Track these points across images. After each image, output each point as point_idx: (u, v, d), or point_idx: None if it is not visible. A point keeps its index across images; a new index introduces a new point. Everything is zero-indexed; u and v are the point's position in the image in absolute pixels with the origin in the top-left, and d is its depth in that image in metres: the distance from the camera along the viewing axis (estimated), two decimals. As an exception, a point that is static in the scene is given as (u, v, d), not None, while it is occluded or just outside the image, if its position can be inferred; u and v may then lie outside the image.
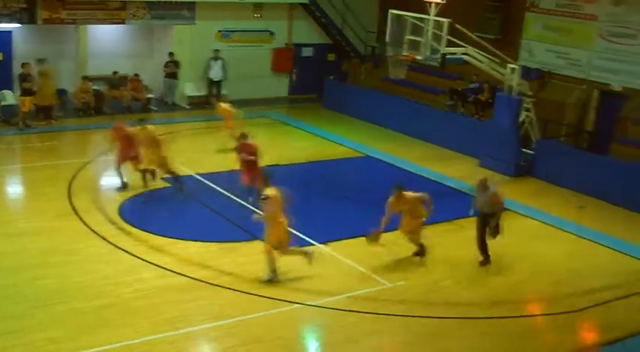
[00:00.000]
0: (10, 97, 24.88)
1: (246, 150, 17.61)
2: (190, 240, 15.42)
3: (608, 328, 13.09)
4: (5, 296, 12.81)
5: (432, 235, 16.28)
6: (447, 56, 21.09)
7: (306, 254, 14.17)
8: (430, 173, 21.34)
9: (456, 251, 15.81)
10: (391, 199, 14.68)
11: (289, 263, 14.63)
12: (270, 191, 13.59)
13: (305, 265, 14.57)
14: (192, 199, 18.09)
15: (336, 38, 31.10)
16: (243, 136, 18.09)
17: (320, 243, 15.73)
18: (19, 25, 25.37)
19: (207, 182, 19.32)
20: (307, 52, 31.05)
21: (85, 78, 26.21)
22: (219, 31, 29.00)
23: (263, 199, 13.61)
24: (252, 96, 29.32)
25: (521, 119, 22.02)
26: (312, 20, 30.77)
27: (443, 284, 14.29)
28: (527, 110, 22.09)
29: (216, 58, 28.37)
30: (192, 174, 19.83)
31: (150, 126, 18.77)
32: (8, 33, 25.75)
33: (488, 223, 15.14)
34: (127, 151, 18.28)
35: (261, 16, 29.68)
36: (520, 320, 13.30)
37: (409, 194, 14.80)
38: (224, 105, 23.04)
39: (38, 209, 16.98)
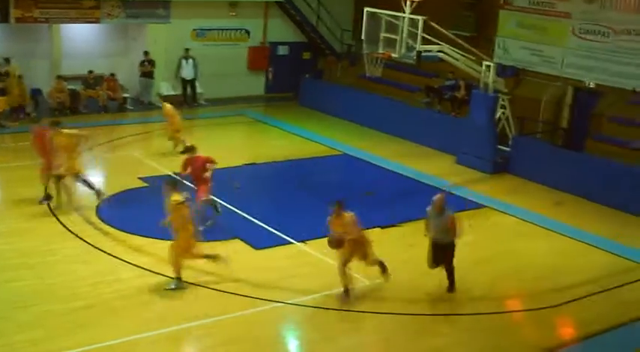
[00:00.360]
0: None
1: (197, 165, 16.14)
2: (169, 239, 15.27)
3: (587, 322, 13.19)
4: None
5: (410, 233, 16.38)
6: (423, 54, 21.16)
7: (215, 258, 13.76)
8: (407, 170, 21.40)
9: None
10: (330, 217, 13.35)
11: (270, 262, 14.69)
12: (178, 197, 13.19)
13: (284, 264, 14.66)
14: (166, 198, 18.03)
15: (311, 36, 31.09)
16: (190, 149, 16.56)
17: (298, 241, 15.74)
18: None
19: (184, 181, 19.21)
20: (283, 50, 31.01)
21: (60, 77, 26.03)
22: (195, 29, 28.90)
23: (177, 204, 13.08)
24: (228, 94, 29.28)
25: (497, 116, 22.15)
26: (288, 18, 30.74)
27: (422, 282, 14.29)
28: (503, 107, 22.23)
29: (187, 57, 28.28)
30: (169, 173, 19.73)
31: (65, 130, 17.10)
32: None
33: (444, 256, 13.57)
34: (50, 158, 16.97)
35: (236, 15, 29.62)
36: (501, 316, 13.35)
37: (348, 215, 13.26)
38: (169, 107, 21.92)
39: (14, 210, 16.82)
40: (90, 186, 17.31)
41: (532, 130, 22.72)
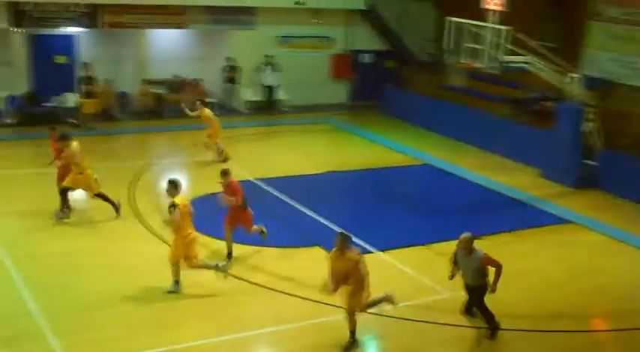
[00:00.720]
0: (72, 100, 25.32)
1: (229, 191, 14.81)
2: (250, 244, 15.43)
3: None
4: (64, 296, 13.04)
5: (491, 246, 16.10)
6: (507, 64, 20.84)
7: (217, 268, 13.49)
8: (489, 182, 21.07)
9: (515, 262, 15.52)
10: (332, 253, 11.78)
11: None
12: (178, 200, 13.02)
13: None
14: (251, 204, 18.13)
15: (394, 44, 31.00)
16: (225, 174, 14.94)
17: (379, 250, 15.64)
18: (83, 29, 25.84)
19: (265, 187, 19.38)
20: (366, 58, 31.00)
21: (146, 81, 26.57)
22: (278, 36, 29.15)
23: (170, 207, 12.96)
24: (310, 102, 29.45)
25: (584, 129, 21.61)
26: (371, 26, 30.73)
27: (502, 296, 13.99)
28: (591, 120, 21.67)
29: (269, 64, 28.49)
30: (251, 178, 19.90)
31: (74, 143, 16.62)
32: (73, 37, 26.28)
33: (476, 300, 12.37)
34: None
35: (319, 22, 29.73)
36: (582, 335, 12.98)
37: (354, 252, 11.80)
38: (207, 111, 21.67)
39: (98, 211, 17.12)
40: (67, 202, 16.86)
41: (621, 144, 22.06)
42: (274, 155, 22.99)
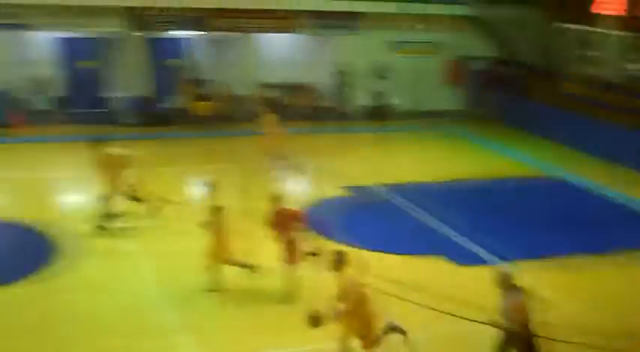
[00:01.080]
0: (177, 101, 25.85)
1: (281, 219, 12.99)
2: (369, 249, 15.03)
3: None
4: (187, 292, 13.20)
5: (623, 264, 15.35)
6: (631, 72, 19.91)
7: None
8: (619, 196, 19.93)
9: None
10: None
11: (472, 281, 13.98)
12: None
13: (486, 283, 13.91)
14: (370, 209, 18.00)
15: (511, 51, 30.20)
16: (277, 199, 13.10)
17: (499, 260, 14.90)
18: (196, 33, 26.28)
19: (388, 193, 19.14)
20: (480, 64, 30.31)
21: (261, 85, 26.79)
22: (389, 41, 29.01)
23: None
24: (422, 108, 29.13)
25: None
26: (484, 33, 30.07)
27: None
28: None
29: (379, 69, 28.21)
30: (370, 184, 19.70)
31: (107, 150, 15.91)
32: (187, 40, 26.78)
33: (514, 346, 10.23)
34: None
35: (428, 28, 29.46)
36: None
37: (348, 275, 10.20)
38: (272, 118, 20.28)
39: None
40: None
41: None
42: (389, 161, 22.87)
